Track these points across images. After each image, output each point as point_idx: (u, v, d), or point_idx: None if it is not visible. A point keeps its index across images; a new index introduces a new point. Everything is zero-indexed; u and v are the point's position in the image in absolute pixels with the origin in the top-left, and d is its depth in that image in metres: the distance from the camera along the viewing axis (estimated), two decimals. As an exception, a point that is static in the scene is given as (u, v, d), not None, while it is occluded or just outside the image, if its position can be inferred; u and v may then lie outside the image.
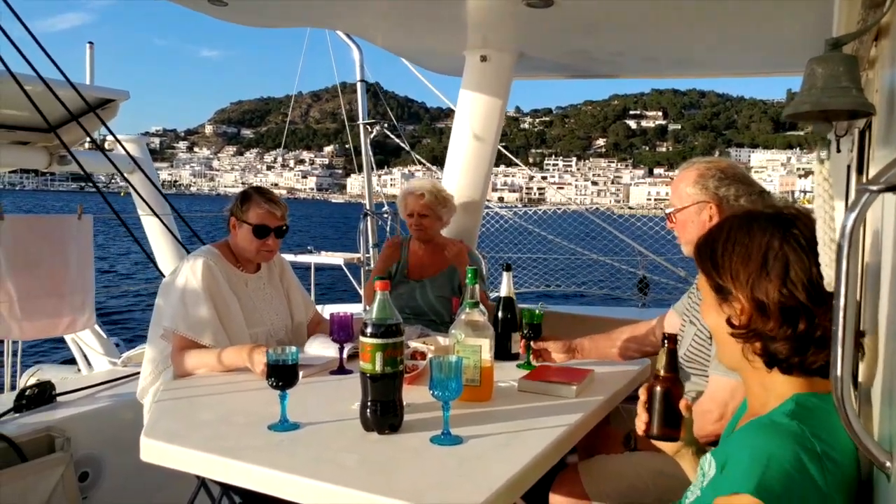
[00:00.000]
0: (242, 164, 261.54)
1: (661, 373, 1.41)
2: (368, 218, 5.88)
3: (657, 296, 7.05)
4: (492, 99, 3.87)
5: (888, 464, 0.71)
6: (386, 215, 6.02)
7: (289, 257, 5.78)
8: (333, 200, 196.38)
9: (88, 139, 3.91)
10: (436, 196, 3.33)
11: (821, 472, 1.00)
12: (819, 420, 1.06)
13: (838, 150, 1.80)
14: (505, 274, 2.50)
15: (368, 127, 6.11)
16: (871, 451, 0.74)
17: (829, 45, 0.87)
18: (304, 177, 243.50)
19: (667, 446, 1.45)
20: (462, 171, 3.93)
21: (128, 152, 4.11)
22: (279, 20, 3.57)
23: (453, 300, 3.18)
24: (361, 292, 5.87)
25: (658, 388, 1.40)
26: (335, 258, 6.54)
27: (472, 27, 3.51)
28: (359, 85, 6.06)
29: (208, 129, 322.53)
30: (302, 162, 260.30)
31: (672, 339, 1.42)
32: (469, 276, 2.01)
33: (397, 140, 6.69)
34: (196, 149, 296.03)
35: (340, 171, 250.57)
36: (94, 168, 4.35)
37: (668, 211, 2.17)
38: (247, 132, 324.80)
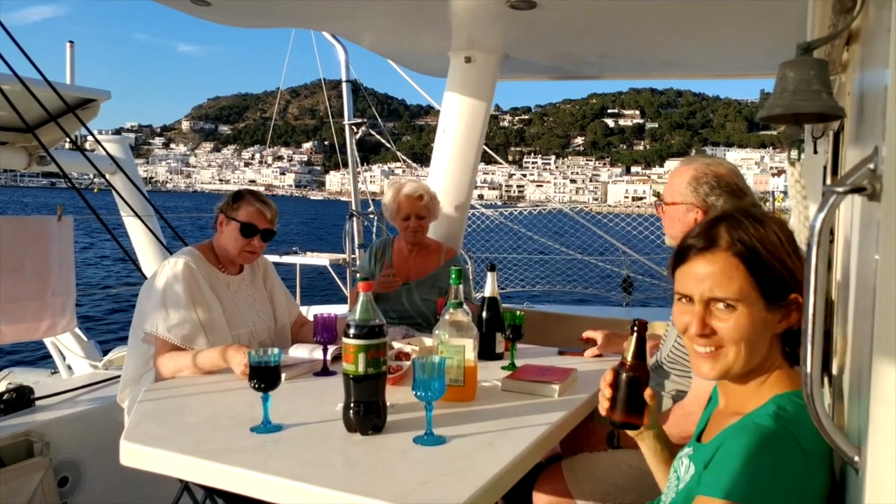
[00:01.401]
0: (220, 161, 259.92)
1: (629, 360, 1.41)
2: (354, 218, 5.87)
3: (641, 294, 7.10)
4: (476, 100, 3.88)
5: (856, 458, 0.72)
6: (372, 216, 6.01)
7: (274, 258, 5.76)
8: (312, 197, 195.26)
9: (69, 139, 3.88)
10: (432, 197, 3.33)
11: (807, 470, 1.02)
12: (801, 417, 1.08)
13: (815, 151, 1.83)
14: (489, 274, 2.51)
15: (354, 127, 6.09)
16: (840, 445, 0.76)
17: (801, 50, 0.89)
18: (283, 173, 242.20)
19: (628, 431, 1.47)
20: (447, 172, 3.94)
21: (109, 154, 4.08)
22: (264, 21, 3.56)
23: (438, 301, 3.18)
24: (347, 293, 5.86)
25: (624, 376, 1.40)
26: (321, 259, 6.52)
27: (457, 29, 3.52)
28: (344, 86, 6.04)
29: (185, 126, 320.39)
30: (280, 158, 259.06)
31: (642, 326, 1.42)
32: (453, 276, 2.02)
33: (383, 140, 6.69)
34: (172, 145, 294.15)
35: (319, 168, 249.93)
36: (75, 168, 4.32)
37: (658, 202, 2.19)
38: (224, 128, 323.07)
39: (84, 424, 2.84)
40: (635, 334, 1.41)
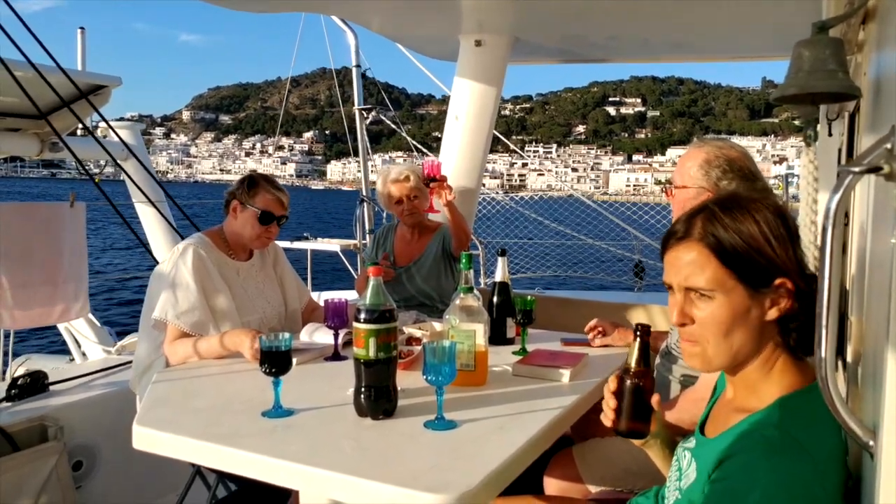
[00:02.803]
0: (220, 151, 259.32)
1: (633, 366, 1.36)
2: (364, 204, 5.86)
3: (653, 280, 7.06)
4: (487, 83, 3.86)
5: (871, 443, 0.72)
6: (382, 201, 5.99)
7: (285, 244, 5.77)
8: (313, 187, 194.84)
9: (81, 126, 3.89)
10: (418, 176, 3.34)
11: (818, 479, 1.00)
12: (809, 419, 1.06)
13: (829, 134, 1.80)
14: (500, 259, 2.50)
15: (364, 113, 6.07)
16: (854, 430, 0.75)
17: (816, 29, 0.87)
18: (284, 163, 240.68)
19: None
20: (457, 156, 3.93)
21: (121, 139, 4.09)
22: (275, 5, 3.54)
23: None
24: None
25: (628, 383, 1.36)
26: (331, 244, 6.54)
27: (467, 11, 3.49)
28: (354, 71, 6.02)
29: (185, 115, 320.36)
30: (281, 148, 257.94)
31: (645, 332, 1.37)
32: (463, 261, 2.02)
33: (393, 126, 6.67)
34: (173, 135, 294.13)
35: (320, 158, 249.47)
36: (86, 155, 4.33)
37: (667, 186, 2.14)
38: (225, 118, 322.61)
39: (98, 409, 2.87)
40: (638, 340, 1.36)
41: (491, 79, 3.84)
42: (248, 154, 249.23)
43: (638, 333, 1.37)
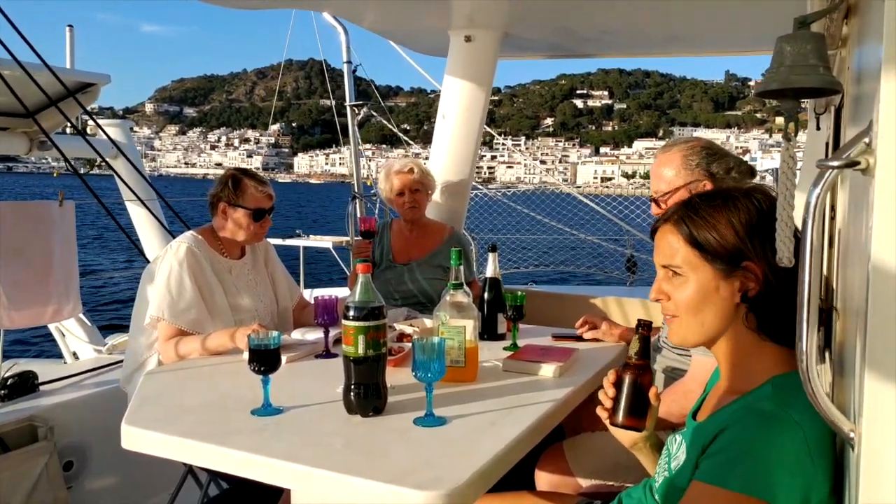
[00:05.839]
0: (185, 144, 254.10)
1: (633, 360, 1.37)
2: (357, 201, 5.85)
3: (645, 274, 7.07)
4: (477, 79, 3.85)
5: (851, 434, 0.72)
6: (375, 198, 5.99)
7: (276, 241, 5.76)
8: (280, 180, 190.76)
9: (69, 124, 3.88)
10: (422, 170, 3.33)
11: (809, 456, 1.02)
12: (803, 400, 1.07)
13: (818, 128, 1.81)
14: (490, 255, 2.51)
15: (356, 109, 6.06)
16: (835, 421, 0.76)
17: (797, 24, 0.87)
18: (250, 156, 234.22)
19: (625, 437, 1.45)
20: (448, 152, 3.92)
21: (110, 137, 4.07)
22: (265, 1, 3.52)
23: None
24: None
25: (628, 377, 1.37)
26: (323, 241, 6.53)
27: (457, 7, 3.48)
28: (345, 66, 6.01)
29: (149, 108, 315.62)
30: (247, 141, 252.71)
31: (646, 327, 1.39)
32: (453, 257, 2.02)
33: (383, 120, 6.66)
34: (136, 128, 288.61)
35: (287, 150, 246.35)
36: (75, 153, 4.31)
37: (657, 196, 2.08)
38: (189, 111, 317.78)
39: (88, 409, 2.86)
40: (639, 334, 1.38)
41: (481, 74, 3.83)
42: (213, 147, 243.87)
43: (639, 329, 1.39)
